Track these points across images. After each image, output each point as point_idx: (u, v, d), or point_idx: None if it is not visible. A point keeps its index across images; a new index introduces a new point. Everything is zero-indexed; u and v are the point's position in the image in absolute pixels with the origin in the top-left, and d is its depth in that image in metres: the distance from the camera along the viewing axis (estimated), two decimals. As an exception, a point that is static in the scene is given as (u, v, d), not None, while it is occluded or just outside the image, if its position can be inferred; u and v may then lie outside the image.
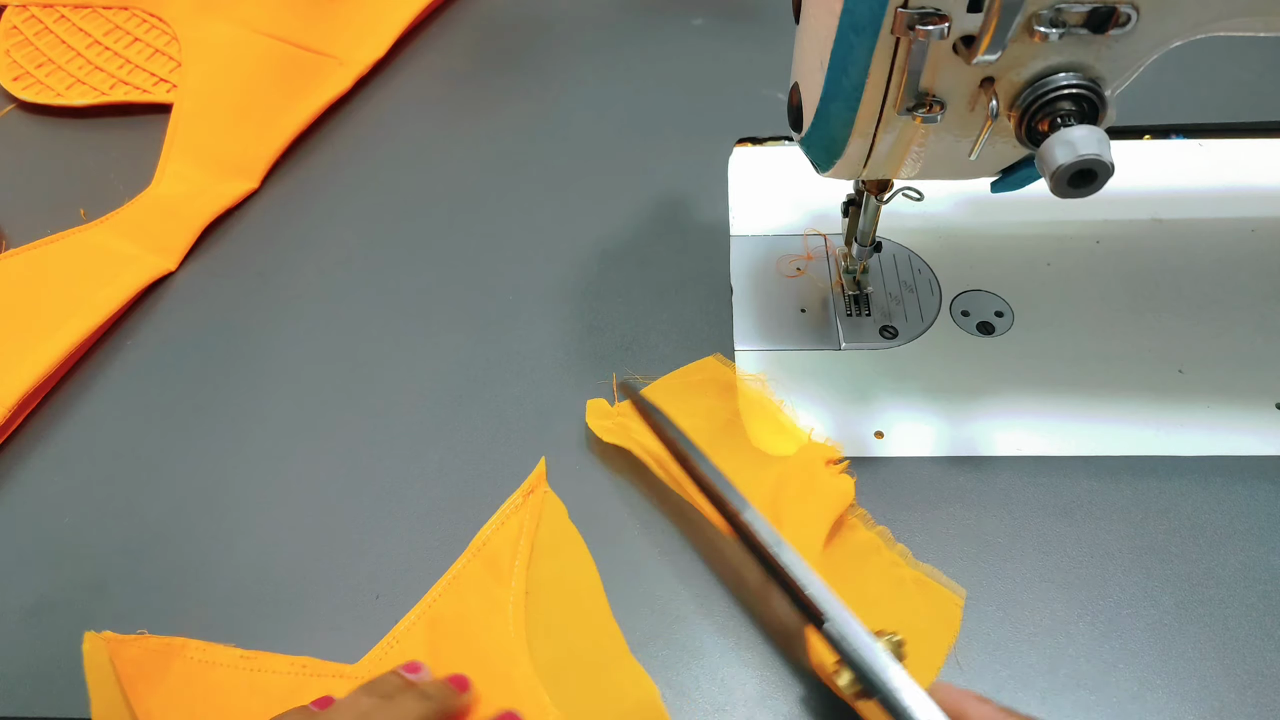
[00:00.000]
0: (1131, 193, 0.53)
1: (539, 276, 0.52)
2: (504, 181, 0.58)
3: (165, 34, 0.67)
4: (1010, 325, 0.48)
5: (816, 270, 0.51)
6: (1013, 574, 0.39)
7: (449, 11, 0.71)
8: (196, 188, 0.58)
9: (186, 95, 0.62)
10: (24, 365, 0.48)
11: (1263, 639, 0.37)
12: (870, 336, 0.48)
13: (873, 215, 0.45)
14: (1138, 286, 0.49)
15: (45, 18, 0.70)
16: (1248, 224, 0.52)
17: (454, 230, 0.56)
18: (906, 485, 0.42)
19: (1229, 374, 0.45)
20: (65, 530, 0.44)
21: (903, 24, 0.31)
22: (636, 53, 0.66)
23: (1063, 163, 0.30)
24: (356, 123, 0.63)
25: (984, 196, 0.48)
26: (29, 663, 0.39)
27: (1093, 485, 0.42)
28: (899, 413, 0.45)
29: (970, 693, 0.32)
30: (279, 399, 0.48)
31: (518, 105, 0.63)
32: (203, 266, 0.55)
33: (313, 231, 0.56)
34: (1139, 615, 0.38)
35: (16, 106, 0.65)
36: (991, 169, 0.38)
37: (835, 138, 0.36)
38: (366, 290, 0.53)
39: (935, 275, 0.50)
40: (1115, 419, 0.44)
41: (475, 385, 0.48)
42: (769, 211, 0.54)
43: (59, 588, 0.41)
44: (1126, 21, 0.31)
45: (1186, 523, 0.40)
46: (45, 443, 0.47)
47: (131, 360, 0.50)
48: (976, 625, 0.38)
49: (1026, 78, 0.32)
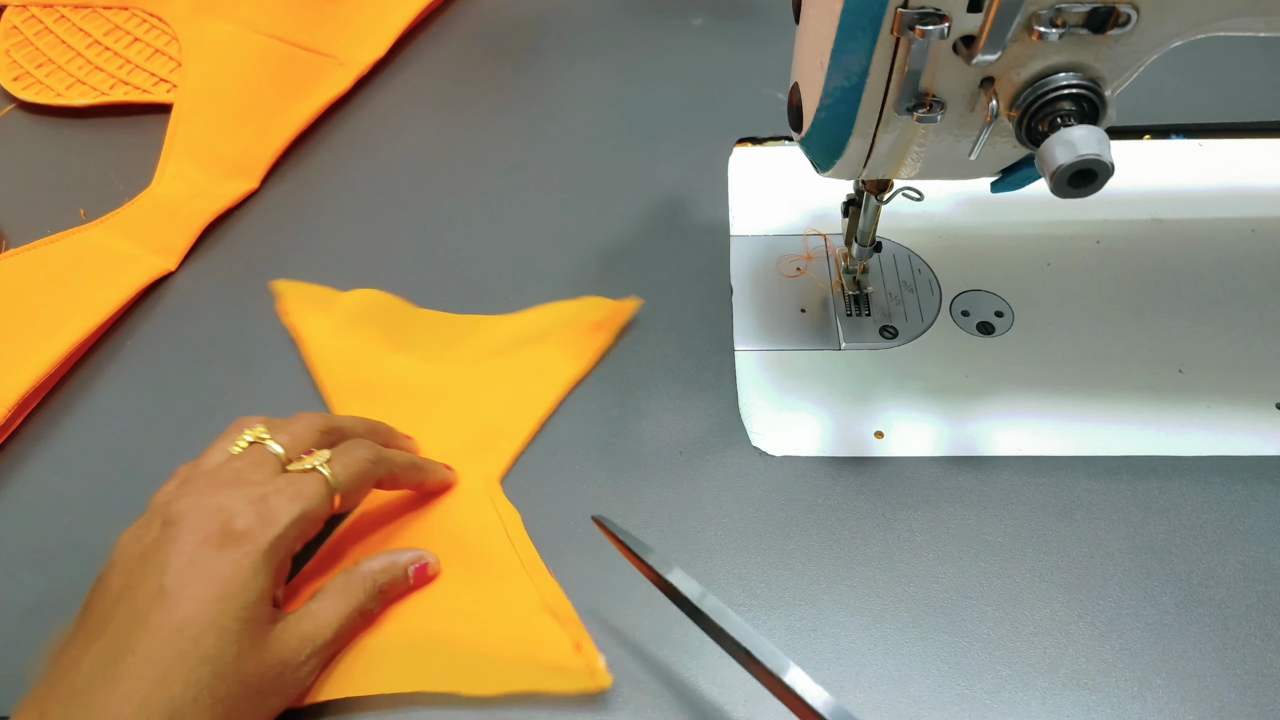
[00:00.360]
0: (1131, 193, 0.53)
1: (539, 276, 0.52)
2: (504, 181, 0.58)
3: (165, 34, 0.67)
4: (1010, 325, 0.48)
5: (816, 270, 0.51)
6: (1013, 574, 0.39)
7: (449, 11, 0.71)
8: (196, 188, 0.58)
9: (186, 95, 0.62)
10: (24, 365, 0.48)
11: (1263, 639, 0.37)
12: (870, 336, 0.48)
13: (873, 215, 0.45)
14: (1138, 286, 0.49)
15: (45, 18, 0.70)
16: (1248, 224, 0.52)
17: (454, 230, 0.56)
18: (906, 485, 0.42)
19: (1229, 374, 0.45)
20: (65, 530, 0.44)
21: (903, 24, 0.31)
22: (636, 53, 0.66)
23: (1063, 163, 0.30)
24: (356, 123, 0.63)
25: (984, 196, 0.48)
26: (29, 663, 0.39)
27: (1093, 485, 0.42)
28: (899, 413, 0.45)
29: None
30: (279, 399, 0.48)
31: (518, 105, 0.63)
32: (203, 266, 0.55)
33: (313, 231, 0.56)
34: (1139, 615, 0.38)
35: (16, 106, 0.65)
36: (991, 169, 0.38)
37: (835, 138, 0.36)
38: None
39: (935, 275, 0.50)
40: (1115, 419, 0.44)
41: (475, 385, 0.48)
42: (769, 211, 0.54)
43: (59, 588, 0.41)
44: (1126, 21, 0.31)
45: (1186, 523, 0.40)
46: (45, 443, 0.47)
47: (131, 360, 0.50)
48: (976, 625, 0.38)
49: (1026, 78, 0.32)
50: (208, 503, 0.34)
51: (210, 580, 0.32)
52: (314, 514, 0.35)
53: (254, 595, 0.33)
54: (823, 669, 0.37)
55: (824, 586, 0.39)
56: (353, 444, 0.39)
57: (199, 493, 0.35)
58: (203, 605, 0.32)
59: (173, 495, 0.35)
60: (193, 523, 0.33)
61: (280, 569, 0.35)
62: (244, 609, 0.32)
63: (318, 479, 0.36)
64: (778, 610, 0.39)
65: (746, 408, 0.45)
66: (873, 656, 0.37)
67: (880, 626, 0.38)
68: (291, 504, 0.35)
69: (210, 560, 0.33)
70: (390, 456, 0.39)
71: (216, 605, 0.32)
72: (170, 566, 0.32)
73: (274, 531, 0.34)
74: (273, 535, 0.34)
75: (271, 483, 0.35)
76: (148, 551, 0.33)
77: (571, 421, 0.46)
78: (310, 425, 0.39)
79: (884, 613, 0.38)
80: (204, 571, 0.32)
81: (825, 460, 0.43)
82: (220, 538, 0.33)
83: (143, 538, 0.34)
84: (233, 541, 0.33)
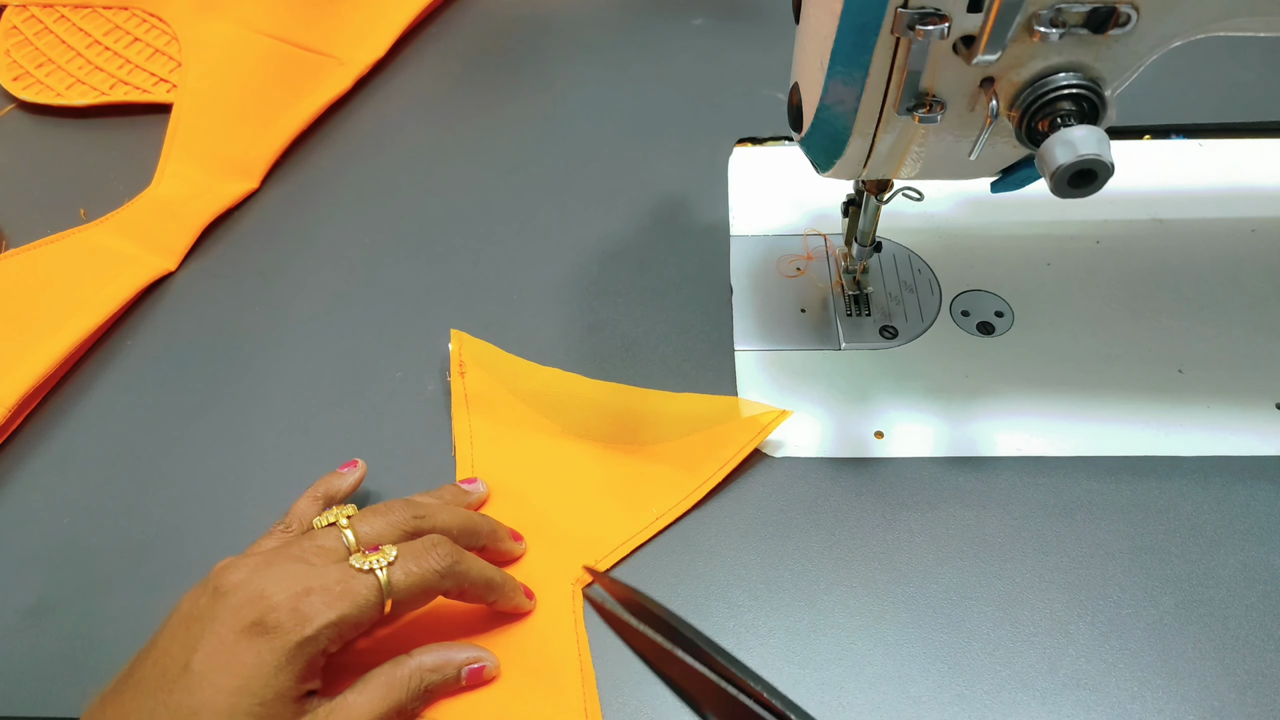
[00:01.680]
0: (1131, 193, 0.53)
1: (539, 276, 0.52)
2: (504, 181, 0.58)
3: (165, 34, 0.67)
4: (1010, 325, 0.48)
5: (816, 270, 0.51)
6: (1013, 574, 0.39)
7: (449, 11, 0.71)
8: (196, 188, 0.58)
9: (186, 95, 0.62)
10: (24, 365, 0.48)
11: (1263, 639, 0.37)
12: (870, 336, 0.48)
13: (873, 215, 0.45)
14: (1138, 286, 0.49)
15: (45, 18, 0.70)
16: (1248, 224, 0.52)
17: (454, 230, 0.56)
18: (906, 485, 0.42)
19: (1229, 374, 0.45)
20: (65, 530, 0.44)
21: (903, 24, 0.31)
22: (636, 53, 0.66)
23: (1063, 163, 0.30)
24: (356, 123, 0.63)
25: (984, 196, 0.48)
26: (29, 663, 0.39)
27: (1093, 485, 0.42)
28: (899, 413, 0.45)
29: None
30: (279, 399, 0.48)
31: (518, 105, 0.63)
32: (203, 266, 0.55)
33: (313, 231, 0.56)
34: (1139, 615, 0.38)
35: (16, 106, 0.65)
36: (991, 169, 0.38)
37: (835, 138, 0.36)
38: (366, 290, 0.53)
39: (935, 275, 0.50)
40: (1115, 419, 0.44)
41: (475, 385, 0.48)
42: (769, 211, 0.54)
43: (59, 588, 0.41)
44: (1126, 21, 0.31)
45: (1186, 523, 0.40)
46: (45, 443, 0.47)
47: (131, 360, 0.50)
48: (976, 625, 0.38)
49: (1026, 78, 0.32)
50: (255, 584, 0.33)
51: (233, 670, 0.31)
52: (355, 619, 0.33)
53: (271, 693, 0.31)
54: (823, 669, 0.37)
55: (824, 586, 0.39)
56: (428, 545, 0.36)
57: (254, 567, 0.34)
58: (221, 695, 0.31)
59: (235, 562, 0.34)
60: (234, 604, 0.32)
61: (310, 666, 0.33)
62: (260, 705, 0.31)
63: (370, 583, 0.34)
64: (778, 611, 0.39)
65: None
66: (873, 656, 0.37)
67: (880, 626, 0.38)
68: (330, 607, 0.33)
69: (237, 648, 0.32)
70: (464, 571, 0.36)
71: (233, 697, 0.31)
72: (202, 646, 0.32)
73: (305, 632, 0.32)
74: (302, 635, 0.32)
75: (321, 575, 0.34)
76: (192, 621, 0.33)
77: (571, 421, 0.46)
78: (396, 522, 0.37)
79: (884, 613, 0.38)
80: (229, 659, 0.31)
81: (825, 460, 0.43)
82: (253, 626, 0.32)
83: (197, 600, 0.34)
84: (262, 634, 0.32)
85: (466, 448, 0.45)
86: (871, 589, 0.39)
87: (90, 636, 0.40)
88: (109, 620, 0.40)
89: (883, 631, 0.38)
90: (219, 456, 0.46)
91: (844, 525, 0.41)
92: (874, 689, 0.36)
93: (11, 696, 0.38)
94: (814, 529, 0.41)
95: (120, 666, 0.34)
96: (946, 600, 0.39)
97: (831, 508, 0.42)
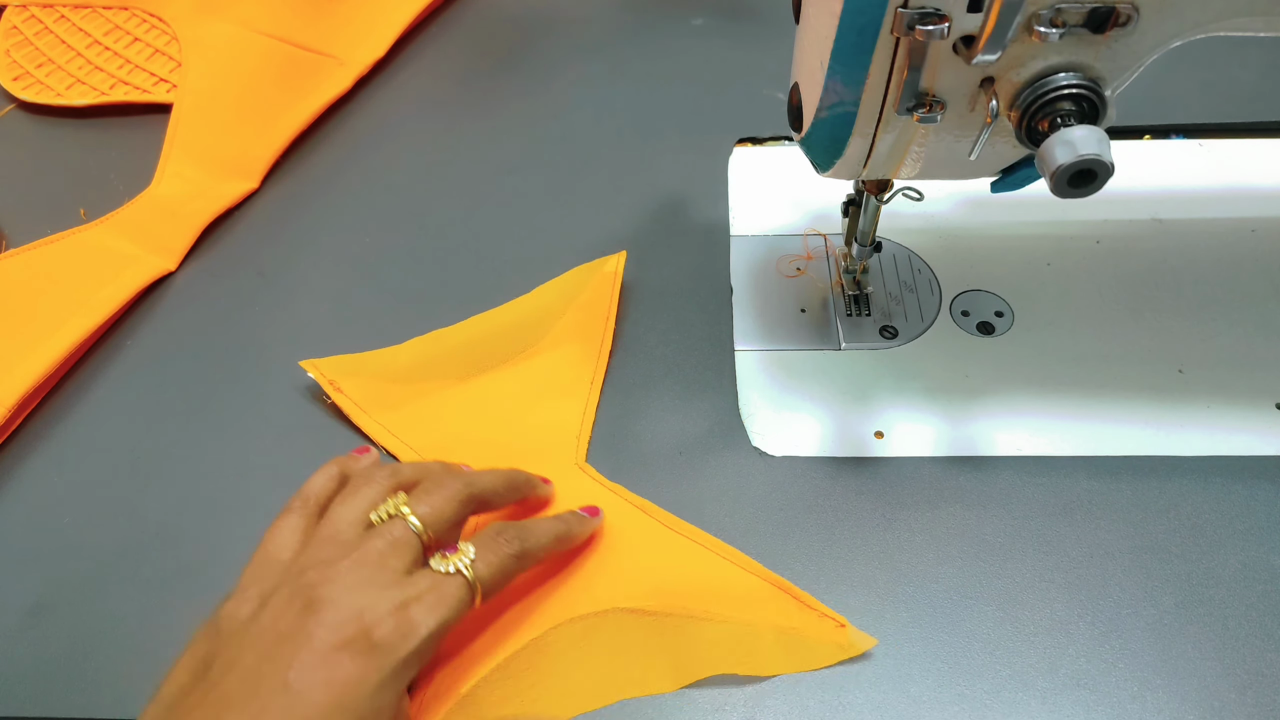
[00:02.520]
0: (1131, 193, 0.53)
1: (539, 276, 0.52)
2: (504, 181, 0.58)
3: (165, 34, 0.67)
4: (1010, 325, 0.48)
5: (816, 270, 0.51)
6: (1013, 574, 0.39)
7: (449, 11, 0.71)
8: (196, 188, 0.58)
9: (186, 95, 0.62)
10: (24, 365, 0.48)
11: (1263, 639, 0.37)
12: (870, 336, 0.48)
13: (873, 215, 0.45)
14: (1138, 286, 0.49)
15: (45, 18, 0.70)
16: (1248, 224, 0.52)
17: (454, 230, 0.56)
18: (906, 485, 0.42)
19: (1229, 374, 0.45)
20: (65, 530, 0.44)
21: (903, 24, 0.31)
22: (636, 53, 0.66)
23: (1063, 163, 0.30)
24: (356, 123, 0.63)
25: (984, 196, 0.48)
26: (29, 663, 0.39)
27: (1093, 485, 0.42)
28: (899, 413, 0.45)
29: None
30: (279, 399, 0.48)
31: (518, 105, 0.63)
32: (203, 266, 0.55)
33: (313, 231, 0.56)
34: (1139, 615, 0.38)
35: (16, 106, 0.65)
36: (991, 169, 0.38)
37: (835, 138, 0.36)
38: (367, 290, 0.53)
39: (935, 275, 0.50)
40: (1115, 419, 0.44)
41: (475, 385, 0.48)
42: (769, 211, 0.54)
43: (59, 588, 0.41)
44: (1126, 21, 0.31)
45: (1186, 523, 0.40)
46: (45, 443, 0.47)
47: (131, 360, 0.50)
48: (976, 625, 0.38)
49: (1026, 78, 0.32)
50: (351, 601, 0.32)
51: (334, 687, 0.31)
52: (453, 621, 0.33)
53: (368, 711, 0.31)
54: (822, 669, 0.37)
55: (824, 586, 0.39)
56: (494, 533, 0.36)
57: (341, 578, 0.33)
58: (322, 712, 0.30)
59: (311, 567, 0.34)
60: (333, 620, 0.32)
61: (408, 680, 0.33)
62: None
63: (460, 583, 0.34)
64: (778, 610, 0.39)
65: (746, 408, 0.45)
66: (873, 656, 0.37)
67: (880, 626, 0.38)
68: (431, 614, 0.33)
69: (341, 666, 0.31)
70: (534, 546, 0.37)
71: (333, 715, 0.30)
72: (300, 662, 0.31)
73: (410, 646, 0.32)
74: (408, 650, 0.32)
75: (413, 583, 0.33)
76: (284, 635, 0.32)
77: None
78: (451, 496, 0.37)
79: (884, 613, 0.38)
80: (331, 676, 0.31)
81: (825, 460, 0.43)
82: (356, 644, 0.31)
83: (281, 614, 0.32)
84: (366, 652, 0.31)
85: (393, 442, 0.45)
86: (871, 588, 0.39)
87: (90, 636, 0.40)
88: (109, 620, 0.40)
89: (883, 631, 0.38)
90: (219, 456, 0.46)
91: (844, 525, 0.41)
92: (874, 689, 0.36)
93: (11, 696, 0.38)
94: (814, 529, 0.41)
95: (120, 666, 0.34)
96: (946, 600, 0.39)
97: (831, 507, 0.42)
